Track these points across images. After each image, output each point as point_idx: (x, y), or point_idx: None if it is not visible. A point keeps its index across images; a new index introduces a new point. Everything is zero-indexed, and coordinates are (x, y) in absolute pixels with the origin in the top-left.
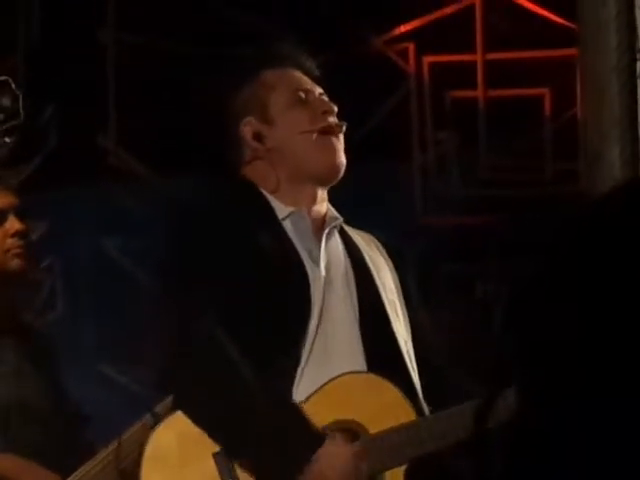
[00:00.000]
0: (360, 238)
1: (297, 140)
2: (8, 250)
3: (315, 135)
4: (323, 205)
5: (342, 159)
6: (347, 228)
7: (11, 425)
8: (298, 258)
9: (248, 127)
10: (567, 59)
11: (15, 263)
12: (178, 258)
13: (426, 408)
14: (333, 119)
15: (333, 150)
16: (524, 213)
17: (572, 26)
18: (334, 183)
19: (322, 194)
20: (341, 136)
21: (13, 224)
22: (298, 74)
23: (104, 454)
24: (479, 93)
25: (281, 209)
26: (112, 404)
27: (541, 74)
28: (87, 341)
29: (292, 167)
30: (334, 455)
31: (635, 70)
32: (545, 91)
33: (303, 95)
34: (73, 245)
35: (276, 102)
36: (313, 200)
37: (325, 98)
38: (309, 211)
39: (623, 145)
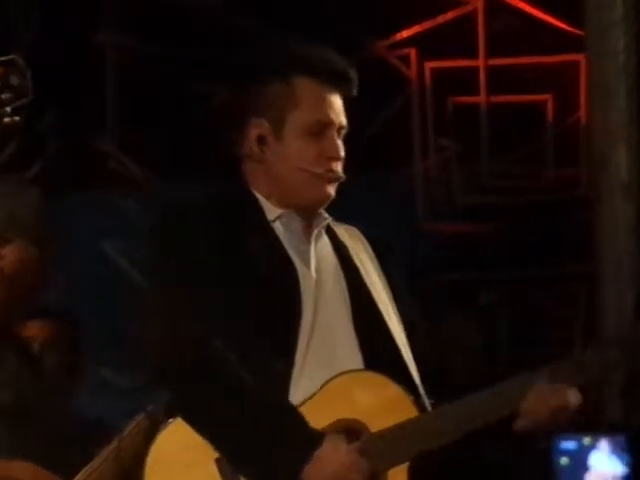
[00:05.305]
0: (346, 234)
1: (292, 172)
2: None
3: (311, 176)
4: None
5: (331, 193)
6: (332, 224)
7: (16, 429)
8: (289, 260)
9: (257, 129)
10: (570, 65)
11: None
12: (167, 259)
13: (428, 403)
14: (336, 167)
15: (323, 191)
16: (525, 220)
17: (575, 31)
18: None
19: None
20: (335, 184)
21: None
22: (330, 97)
23: (105, 453)
24: (481, 99)
25: (271, 210)
26: (113, 407)
27: (544, 80)
28: (87, 345)
29: (280, 189)
30: (331, 455)
31: None
32: (548, 97)
33: (321, 129)
34: (73, 248)
35: (294, 122)
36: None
37: (339, 139)
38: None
39: (630, 146)
